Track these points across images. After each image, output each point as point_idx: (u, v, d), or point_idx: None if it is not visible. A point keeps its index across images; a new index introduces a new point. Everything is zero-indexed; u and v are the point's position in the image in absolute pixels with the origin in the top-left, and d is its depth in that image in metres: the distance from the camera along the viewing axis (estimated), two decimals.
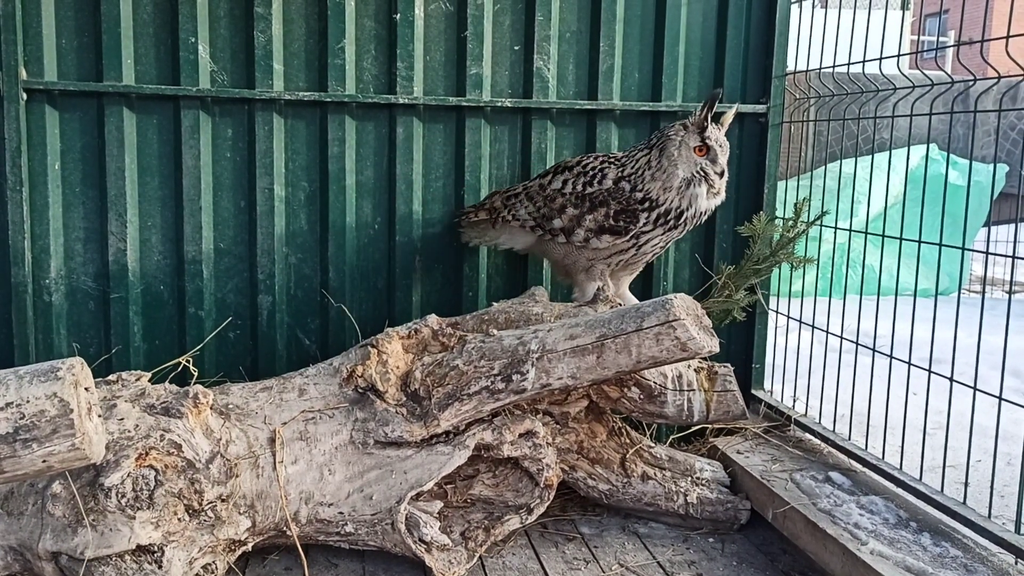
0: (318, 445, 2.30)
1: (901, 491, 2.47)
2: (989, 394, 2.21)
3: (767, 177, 3.12)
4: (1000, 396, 2.20)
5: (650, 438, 2.82)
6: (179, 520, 2.06)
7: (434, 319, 2.57)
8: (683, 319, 2.19)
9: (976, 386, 2.23)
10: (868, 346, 2.76)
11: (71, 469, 1.88)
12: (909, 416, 2.66)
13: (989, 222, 3.15)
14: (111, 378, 2.29)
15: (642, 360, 2.23)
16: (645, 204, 2.58)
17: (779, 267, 3.03)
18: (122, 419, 2.10)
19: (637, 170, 2.60)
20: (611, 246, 2.65)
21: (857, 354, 2.88)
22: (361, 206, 2.93)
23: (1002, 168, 7.35)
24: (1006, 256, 2.33)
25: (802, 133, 3.34)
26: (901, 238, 2.64)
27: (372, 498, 2.28)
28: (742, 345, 3.19)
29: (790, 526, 2.45)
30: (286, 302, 2.92)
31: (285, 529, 2.24)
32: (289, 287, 2.92)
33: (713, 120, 2.57)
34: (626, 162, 2.64)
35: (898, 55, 2.57)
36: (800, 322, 3.11)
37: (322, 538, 2.31)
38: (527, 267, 3.08)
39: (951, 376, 2.31)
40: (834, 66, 2.94)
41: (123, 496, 2.00)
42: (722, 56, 3.08)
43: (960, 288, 4.08)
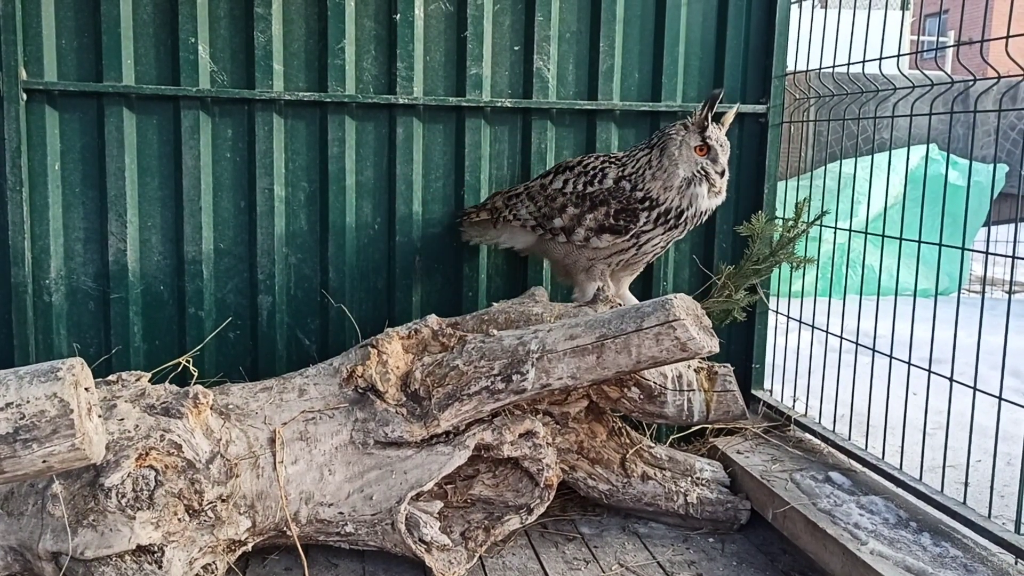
0: (318, 445, 2.30)
1: (901, 491, 2.47)
2: (989, 394, 2.21)
3: (767, 177, 3.12)
4: (1000, 396, 2.20)
5: (650, 438, 2.82)
6: (179, 520, 2.06)
7: (434, 319, 2.57)
8: (683, 319, 2.19)
9: (976, 386, 2.23)
10: (868, 346, 2.76)
11: (71, 469, 1.88)
12: (909, 416, 2.66)
13: (989, 222, 3.16)
14: (111, 378, 2.29)
15: (642, 360, 2.23)
16: (645, 203, 2.58)
17: (779, 267, 3.03)
18: (122, 419, 2.10)
19: (638, 169, 2.60)
20: (611, 245, 2.65)
21: (857, 354, 2.88)
22: (361, 206, 2.94)
23: (1002, 168, 7.34)
24: (1006, 256, 2.33)
25: (802, 133, 3.34)
26: (901, 238, 2.64)
27: (372, 498, 2.28)
28: (742, 345, 3.19)
29: (790, 526, 2.45)
30: (286, 302, 2.92)
31: (285, 529, 2.24)
32: (289, 287, 2.92)
33: (714, 120, 2.57)
34: (627, 162, 2.64)
35: (898, 55, 2.57)
36: (800, 322, 3.11)
37: (322, 538, 2.31)
38: (527, 267, 3.08)
39: (951, 376, 2.31)
40: (834, 66, 2.94)
41: (123, 496, 2.00)
42: (722, 56, 3.08)
43: (960, 288, 4.08)
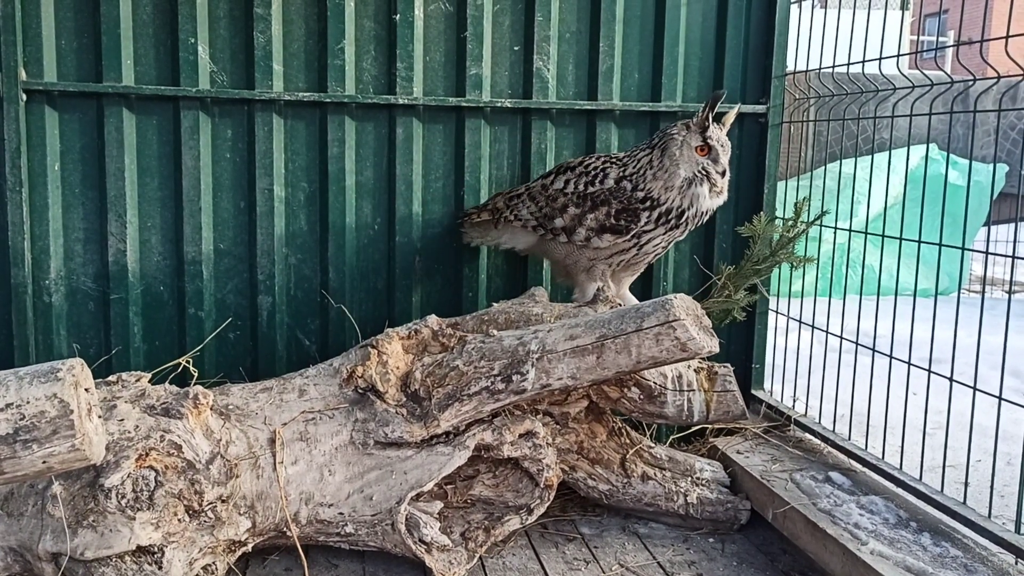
0: (318, 446, 2.30)
1: (901, 491, 2.47)
2: (989, 394, 2.21)
3: (767, 177, 3.12)
4: (1000, 396, 2.20)
5: (650, 438, 2.82)
6: (179, 521, 2.06)
7: (434, 319, 2.57)
8: (683, 319, 2.19)
9: (976, 386, 2.23)
10: (868, 346, 2.76)
11: (71, 470, 1.88)
12: (909, 416, 2.66)
13: (989, 222, 3.16)
14: (111, 379, 2.29)
15: (642, 360, 2.23)
16: (646, 203, 2.58)
17: (779, 267, 3.03)
18: (122, 420, 2.10)
19: (639, 169, 2.60)
20: (612, 245, 2.65)
21: (857, 354, 2.88)
22: (361, 207, 2.94)
23: (1002, 168, 7.35)
24: (1006, 256, 2.33)
25: (802, 133, 3.34)
26: (901, 238, 2.64)
27: (372, 499, 2.28)
28: (742, 345, 3.19)
29: (790, 526, 2.45)
30: (286, 303, 2.92)
31: (285, 530, 2.24)
32: (289, 288, 2.92)
33: (715, 120, 2.57)
34: (628, 162, 2.64)
35: (898, 55, 2.57)
36: (800, 322, 3.11)
37: (322, 539, 2.31)
38: (527, 268, 3.08)
39: (951, 376, 2.31)
40: (834, 66, 2.94)
41: (123, 497, 2.00)
42: (722, 56, 3.08)
43: (960, 288, 4.08)
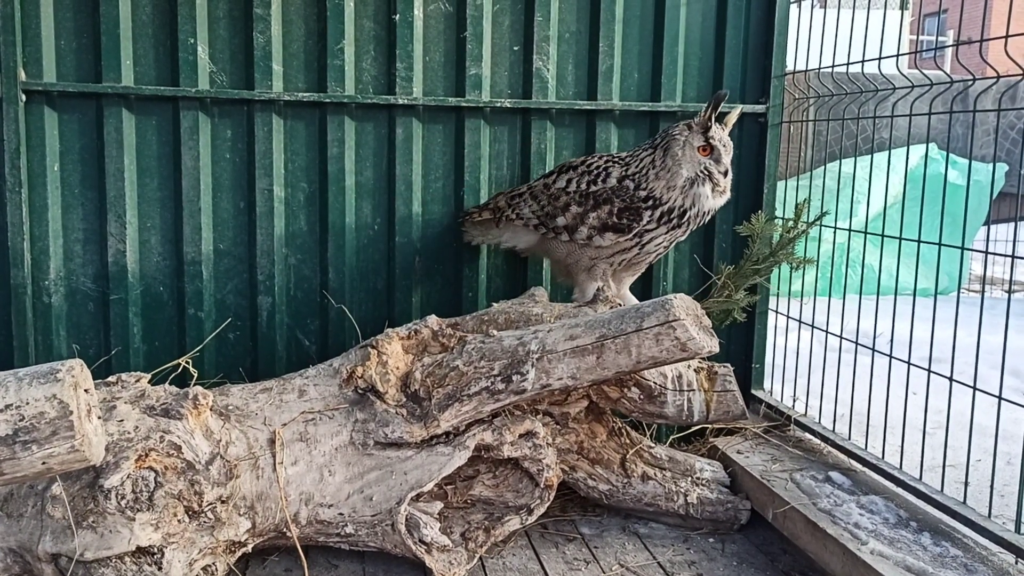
0: (318, 446, 2.30)
1: (901, 491, 2.47)
2: (989, 393, 2.21)
3: (767, 177, 3.12)
4: (1000, 395, 2.20)
5: (650, 438, 2.82)
6: (179, 522, 2.06)
7: (434, 320, 2.57)
8: (683, 319, 2.19)
9: (976, 385, 2.23)
10: (868, 346, 2.76)
11: (71, 471, 1.87)
12: (909, 416, 2.66)
13: (988, 221, 3.16)
14: (111, 380, 2.29)
15: (642, 360, 2.23)
16: (649, 202, 2.59)
17: (779, 267, 3.03)
18: (122, 421, 2.10)
19: (641, 169, 2.61)
20: (614, 244, 2.66)
21: (857, 354, 2.88)
22: (361, 207, 2.93)
23: (1001, 167, 7.35)
24: (1005, 255, 2.33)
25: (802, 133, 3.34)
26: (901, 238, 2.64)
27: (372, 499, 2.28)
28: (742, 345, 3.19)
29: (790, 526, 2.45)
30: (286, 303, 2.92)
31: (285, 530, 2.24)
32: (289, 288, 2.92)
33: (717, 120, 2.58)
34: (630, 161, 2.65)
35: (897, 55, 2.57)
36: (800, 322, 3.11)
37: (322, 539, 2.31)
38: (527, 268, 3.08)
39: (951, 376, 2.31)
40: (833, 66, 2.94)
41: (123, 498, 2.00)
42: (721, 56, 3.08)
43: (959, 287, 4.08)
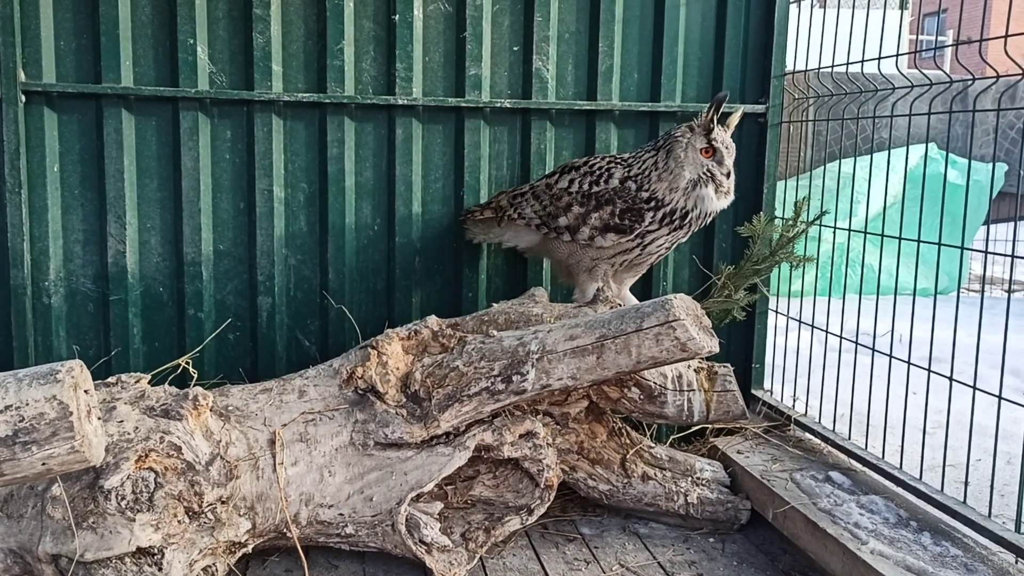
0: (318, 447, 2.30)
1: (901, 490, 2.47)
2: (989, 393, 2.21)
3: (766, 177, 3.12)
4: (1000, 395, 2.20)
5: (650, 438, 2.82)
6: (179, 522, 2.06)
7: (434, 320, 2.57)
8: (683, 319, 2.19)
9: (976, 385, 2.23)
10: (867, 346, 2.76)
11: (71, 472, 1.87)
12: (909, 415, 2.66)
13: (988, 221, 3.16)
14: (110, 380, 2.29)
15: (642, 360, 2.23)
16: (651, 203, 2.60)
17: (779, 267, 3.03)
18: (122, 421, 2.10)
19: (644, 170, 2.62)
20: (615, 245, 2.66)
21: (857, 354, 2.88)
22: (360, 207, 2.93)
23: (1001, 167, 7.35)
24: (1005, 255, 2.33)
25: (801, 133, 3.34)
26: (900, 237, 2.64)
27: (372, 499, 2.27)
28: (742, 345, 3.19)
29: (790, 526, 2.45)
30: (286, 303, 2.92)
31: (285, 531, 2.24)
32: (289, 288, 2.92)
33: (720, 122, 2.58)
34: (633, 163, 2.66)
35: (896, 55, 2.57)
36: (800, 322, 3.11)
37: (322, 540, 2.31)
38: (527, 268, 3.08)
39: (951, 375, 2.31)
40: (833, 66, 2.94)
41: (123, 498, 2.00)
42: (721, 56, 3.08)
43: (959, 287, 4.08)
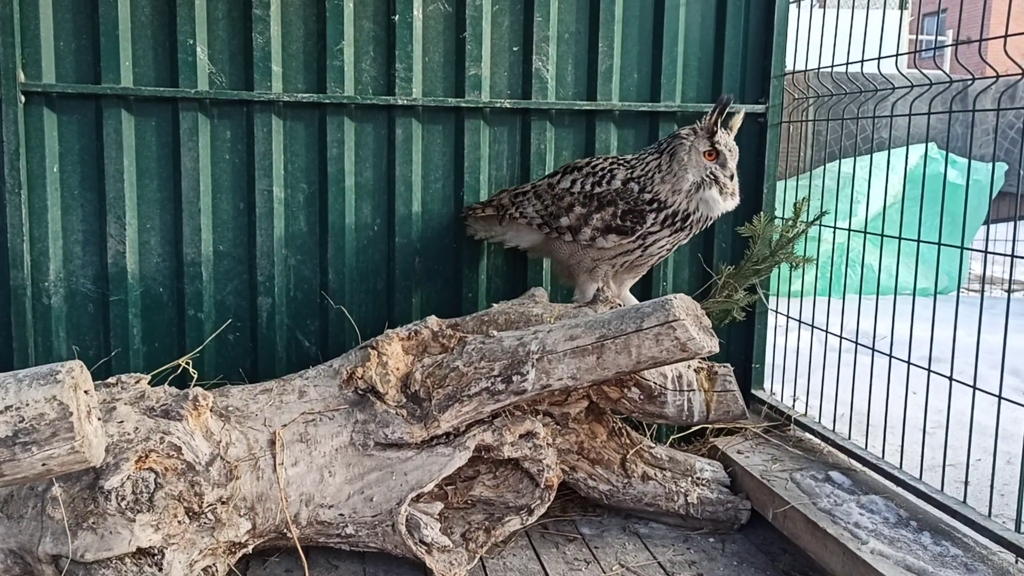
0: (318, 447, 2.30)
1: (901, 490, 2.47)
2: (989, 393, 2.21)
3: (766, 177, 3.12)
4: (1000, 395, 2.20)
5: (650, 438, 2.82)
6: (179, 523, 2.06)
7: (434, 320, 2.57)
8: (683, 319, 2.19)
9: (976, 385, 2.23)
10: (867, 345, 2.76)
11: (71, 472, 1.87)
12: (909, 415, 2.66)
13: (988, 221, 3.16)
14: (110, 381, 2.29)
15: (642, 361, 2.23)
16: (653, 205, 2.60)
17: (779, 267, 3.03)
18: (122, 422, 2.10)
19: (647, 172, 2.62)
20: (617, 246, 2.66)
21: (857, 353, 2.88)
22: (360, 208, 2.93)
23: (1001, 167, 7.35)
24: (1005, 255, 2.33)
25: (801, 133, 3.34)
26: (900, 237, 2.64)
27: (372, 500, 2.28)
28: (742, 345, 3.19)
29: (790, 526, 2.45)
30: (286, 304, 2.92)
31: (285, 531, 2.24)
32: (289, 289, 2.92)
33: (723, 124, 2.58)
34: (636, 164, 2.66)
35: (896, 55, 2.57)
36: (800, 322, 3.11)
37: (322, 540, 2.31)
38: (527, 268, 3.08)
39: (951, 375, 2.31)
40: (833, 66, 2.94)
41: (123, 499, 2.00)
42: (721, 56, 3.08)
43: (959, 287, 4.08)
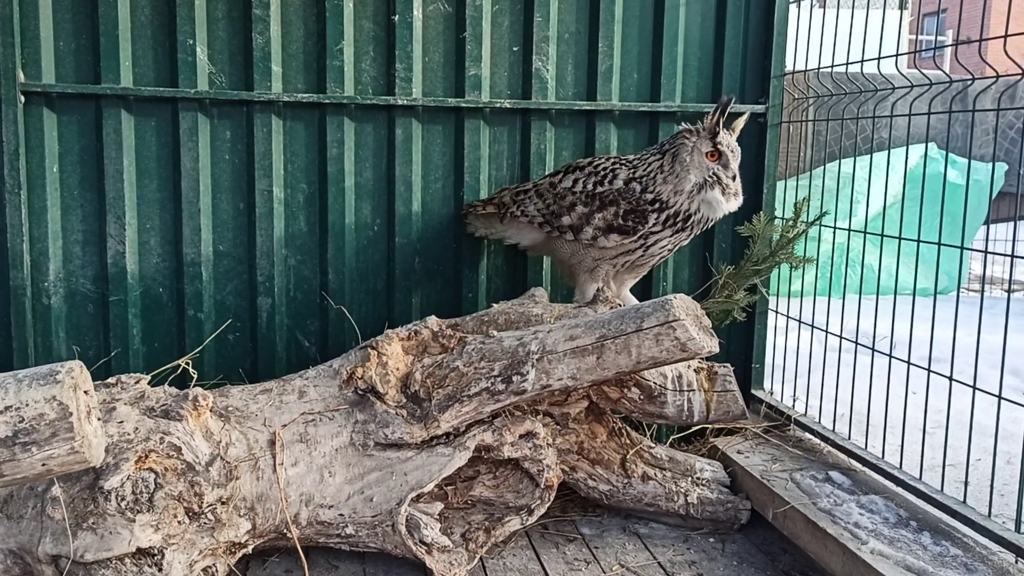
0: (318, 447, 2.30)
1: (901, 490, 2.47)
2: (989, 393, 2.21)
3: (766, 177, 3.12)
4: (1000, 395, 2.20)
5: (650, 438, 2.82)
6: (179, 523, 2.06)
7: (434, 320, 2.57)
8: (683, 319, 2.19)
9: (975, 385, 2.23)
10: (867, 345, 2.76)
11: (71, 472, 1.87)
12: (909, 415, 2.66)
13: (988, 221, 3.16)
14: (110, 381, 2.29)
15: (642, 361, 2.23)
16: (655, 205, 2.60)
17: (779, 267, 3.03)
18: (121, 422, 2.10)
19: (649, 172, 2.62)
20: (618, 245, 2.66)
21: (857, 353, 2.88)
22: (360, 208, 2.93)
23: (1001, 167, 7.35)
24: (1005, 255, 2.33)
25: (801, 133, 3.34)
26: (900, 237, 2.64)
27: (372, 500, 2.27)
28: (742, 345, 3.19)
29: (790, 526, 2.45)
30: (286, 304, 2.92)
31: (285, 531, 2.24)
32: (289, 289, 2.92)
33: (725, 125, 2.58)
34: (638, 164, 2.66)
35: (896, 55, 2.57)
36: (800, 322, 3.11)
37: (322, 540, 2.31)
38: (527, 268, 3.08)
39: (950, 375, 2.31)
40: (833, 66, 2.94)
41: (123, 499, 2.00)
42: (721, 56, 3.08)
43: (959, 287, 4.08)
